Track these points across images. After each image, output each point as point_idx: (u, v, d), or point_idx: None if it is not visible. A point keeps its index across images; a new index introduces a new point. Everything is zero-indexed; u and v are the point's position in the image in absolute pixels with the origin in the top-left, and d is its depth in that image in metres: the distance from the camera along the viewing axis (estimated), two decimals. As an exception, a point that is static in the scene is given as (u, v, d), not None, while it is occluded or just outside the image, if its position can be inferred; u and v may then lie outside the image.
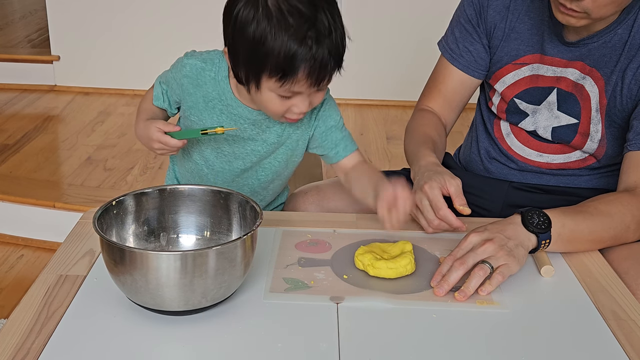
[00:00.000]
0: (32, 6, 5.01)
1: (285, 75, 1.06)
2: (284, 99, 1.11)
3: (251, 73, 1.10)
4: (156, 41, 3.45)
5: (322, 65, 1.07)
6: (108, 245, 0.93)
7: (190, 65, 1.21)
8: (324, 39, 1.06)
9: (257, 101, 1.15)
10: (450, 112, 1.50)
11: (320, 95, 1.14)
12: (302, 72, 1.06)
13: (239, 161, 1.27)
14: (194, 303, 0.94)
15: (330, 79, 1.11)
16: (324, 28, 1.06)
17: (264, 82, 1.09)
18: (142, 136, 1.24)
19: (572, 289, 1.07)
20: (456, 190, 1.20)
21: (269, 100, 1.12)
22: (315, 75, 1.07)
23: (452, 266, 1.05)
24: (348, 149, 1.28)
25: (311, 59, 1.05)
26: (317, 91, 1.12)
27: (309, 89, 1.10)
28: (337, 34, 1.08)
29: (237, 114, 1.22)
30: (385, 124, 3.31)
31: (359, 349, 0.91)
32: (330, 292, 1.04)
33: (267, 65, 1.07)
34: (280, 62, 1.05)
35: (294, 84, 1.08)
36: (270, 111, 1.15)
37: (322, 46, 1.06)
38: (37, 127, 3.17)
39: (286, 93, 1.10)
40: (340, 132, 1.27)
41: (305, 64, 1.05)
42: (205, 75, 1.21)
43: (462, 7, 1.45)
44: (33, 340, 0.91)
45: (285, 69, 1.06)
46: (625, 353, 0.92)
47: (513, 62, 1.39)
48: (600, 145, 1.34)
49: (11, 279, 2.25)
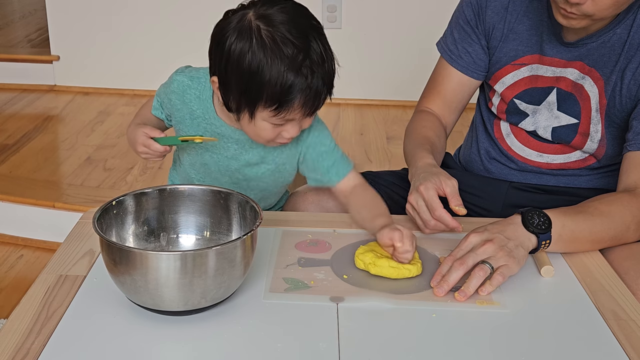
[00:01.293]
0: (32, 6, 5.00)
1: (281, 105, 1.08)
2: (276, 127, 1.13)
3: (245, 103, 1.11)
4: (156, 41, 3.45)
5: (316, 94, 1.08)
6: (108, 245, 0.93)
7: (178, 82, 1.24)
8: (318, 67, 1.07)
9: (248, 130, 1.16)
10: (450, 113, 1.50)
11: (310, 120, 1.15)
12: (298, 102, 1.08)
13: (225, 178, 1.28)
14: (193, 303, 0.94)
15: (322, 105, 1.12)
16: (317, 57, 1.07)
17: (258, 112, 1.10)
18: (130, 138, 1.26)
19: (572, 289, 1.07)
20: (452, 191, 1.20)
21: (262, 128, 1.13)
22: (310, 104, 1.09)
23: (452, 266, 1.05)
24: (340, 173, 1.25)
25: (307, 88, 1.07)
26: (308, 116, 1.13)
27: (302, 116, 1.11)
28: (329, 61, 1.10)
29: (220, 132, 1.23)
30: (385, 124, 3.31)
31: (359, 349, 0.91)
32: (330, 292, 1.04)
33: (263, 96, 1.07)
34: (276, 93, 1.06)
35: (289, 113, 1.09)
36: (261, 138, 1.16)
37: (316, 75, 1.07)
38: (36, 127, 3.17)
39: (280, 122, 1.11)
40: (331, 156, 1.25)
41: (301, 94, 1.07)
42: (191, 93, 1.22)
43: (460, 8, 1.45)
44: (33, 340, 0.91)
45: (282, 100, 1.07)
46: (626, 353, 0.92)
47: (512, 62, 1.39)
48: (600, 145, 1.34)
49: (11, 279, 2.25)
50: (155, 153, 1.22)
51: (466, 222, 1.22)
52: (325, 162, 1.25)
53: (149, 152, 1.22)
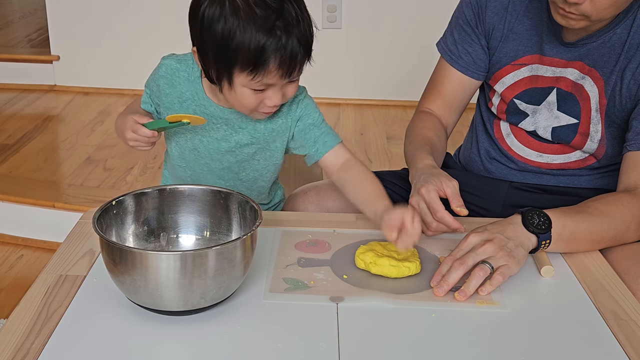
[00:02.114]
0: (32, 6, 5.01)
1: (256, 67, 1.07)
2: (257, 93, 1.12)
3: (222, 70, 1.11)
4: (156, 41, 3.45)
5: (292, 55, 1.07)
6: (107, 245, 0.93)
7: (166, 66, 1.24)
8: (292, 28, 1.07)
9: (231, 99, 1.16)
10: (450, 114, 1.50)
11: (293, 87, 1.15)
12: (273, 63, 1.07)
13: (215, 162, 1.28)
14: (193, 303, 0.94)
15: (301, 69, 1.12)
16: (292, 18, 1.07)
17: (236, 78, 1.10)
18: (118, 127, 1.24)
19: (572, 289, 1.07)
20: (453, 192, 1.20)
21: (243, 95, 1.12)
22: (286, 66, 1.08)
23: (452, 266, 1.05)
24: (327, 144, 1.25)
25: (281, 49, 1.06)
26: (290, 83, 1.13)
27: (281, 80, 1.10)
28: (305, 23, 1.09)
29: (210, 113, 1.23)
30: (385, 124, 3.31)
31: (359, 349, 0.91)
32: (330, 292, 1.04)
33: (238, 60, 1.07)
34: (250, 55, 1.06)
35: (266, 75, 1.08)
36: (245, 106, 1.15)
37: (291, 36, 1.07)
38: (36, 127, 3.17)
39: (259, 86, 1.11)
40: (318, 129, 1.26)
41: (276, 55, 1.06)
42: (180, 75, 1.22)
43: (460, 8, 1.45)
44: (33, 340, 0.91)
45: (256, 62, 1.07)
46: (626, 353, 0.92)
47: (512, 62, 1.39)
48: (600, 145, 1.34)
49: (11, 279, 2.25)
50: (143, 139, 1.19)
51: (466, 222, 1.22)
52: (312, 133, 1.25)
53: (138, 139, 1.19)
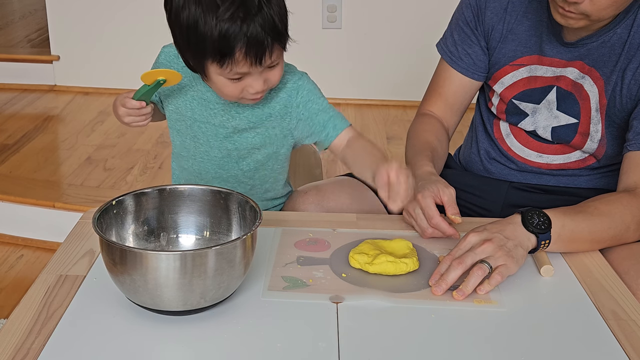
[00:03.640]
0: (32, 6, 5.01)
1: (222, 58, 1.07)
2: (235, 82, 1.11)
3: (194, 61, 1.12)
4: (156, 41, 3.44)
5: (257, 42, 1.06)
6: (107, 245, 0.93)
7: (165, 54, 1.25)
8: (254, 16, 1.05)
9: (213, 88, 1.16)
10: (452, 116, 1.50)
11: (275, 73, 1.13)
12: (239, 52, 1.06)
13: (214, 150, 1.27)
14: (192, 303, 0.94)
15: (273, 55, 1.10)
16: (252, 5, 1.06)
17: (208, 68, 1.10)
18: (114, 111, 1.23)
19: (572, 289, 1.07)
20: (449, 199, 1.20)
21: (221, 84, 1.12)
22: (254, 53, 1.07)
23: (451, 265, 1.05)
24: (338, 127, 1.24)
25: (243, 37, 1.05)
26: (269, 68, 1.12)
27: (254, 68, 1.09)
28: (271, 7, 1.07)
29: (207, 98, 1.23)
30: (385, 124, 3.31)
31: (359, 349, 0.91)
32: (328, 290, 1.04)
33: (205, 51, 1.07)
34: (215, 46, 1.06)
35: (235, 65, 1.08)
36: (227, 95, 1.15)
37: (253, 23, 1.05)
38: (37, 127, 3.17)
39: (233, 75, 1.10)
40: (325, 113, 1.25)
41: (240, 44, 1.06)
42: (179, 62, 1.22)
43: (460, 9, 1.45)
44: (33, 340, 0.91)
45: (222, 52, 1.06)
46: (626, 353, 0.92)
47: (510, 63, 1.39)
48: (600, 145, 1.34)
49: (11, 279, 2.25)
50: (134, 111, 1.19)
51: (466, 222, 1.22)
52: (319, 118, 1.25)
53: (130, 112, 1.19)
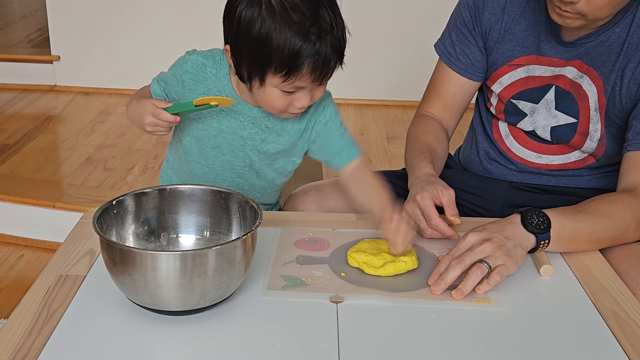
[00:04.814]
0: (32, 6, 5.01)
1: (290, 71, 1.08)
2: (287, 94, 1.13)
3: (255, 70, 1.12)
4: (156, 41, 3.45)
5: (325, 60, 1.09)
6: (107, 245, 0.93)
7: (192, 61, 1.22)
8: (327, 34, 1.08)
9: (259, 98, 1.16)
10: (451, 117, 1.50)
11: (321, 90, 1.16)
12: (306, 68, 1.08)
13: (238, 160, 1.27)
14: (192, 303, 0.94)
15: (332, 74, 1.13)
16: (326, 24, 1.08)
17: (269, 79, 1.11)
18: (134, 112, 1.21)
19: (572, 288, 1.07)
20: (448, 201, 1.20)
21: (272, 96, 1.13)
22: (319, 71, 1.09)
23: (450, 265, 1.05)
24: (351, 155, 1.26)
25: (315, 54, 1.07)
26: (319, 85, 1.14)
27: (312, 84, 1.12)
28: (339, 29, 1.11)
29: (237, 111, 1.22)
30: (385, 124, 3.31)
31: (358, 348, 0.91)
32: (327, 289, 1.04)
33: (272, 62, 1.08)
34: (284, 59, 1.07)
35: (298, 79, 1.09)
36: (273, 107, 1.16)
37: (325, 42, 1.08)
38: (37, 127, 3.17)
39: (290, 88, 1.11)
40: (341, 138, 1.27)
41: (309, 60, 1.07)
42: (207, 71, 1.21)
43: (458, 9, 1.45)
44: (33, 340, 0.91)
45: (290, 66, 1.08)
46: (626, 353, 0.92)
47: (508, 63, 1.39)
48: (600, 144, 1.34)
49: (11, 279, 2.26)
50: (164, 123, 1.18)
51: (466, 222, 1.22)
52: (336, 142, 1.27)
53: (158, 124, 1.18)
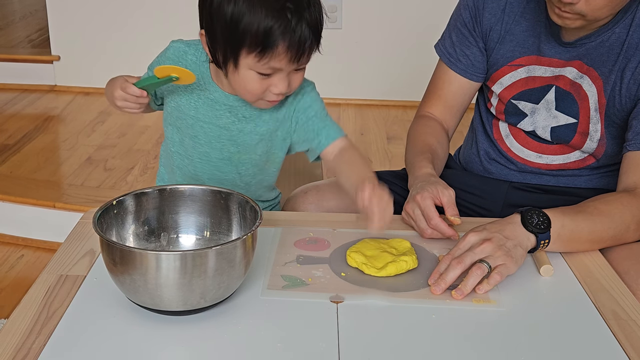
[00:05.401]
0: (32, 6, 5.01)
1: (264, 49, 1.06)
2: (263, 78, 1.11)
3: (229, 51, 1.10)
4: (156, 41, 3.44)
5: (301, 39, 1.07)
6: (107, 245, 0.93)
7: (174, 48, 1.23)
8: (303, 11, 1.06)
9: (235, 83, 1.15)
10: (451, 117, 1.50)
11: (298, 77, 1.14)
12: (282, 46, 1.06)
13: (215, 151, 1.27)
14: (192, 303, 0.94)
15: (309, 56, 1.11)
16: (302, 1, 1.06)
17: (243, 59, 1.09)
18: (107, 88, 1.22)
19: (572, 288, 1.07)
20: (449, 201, 1.20)
21: (248, 79, 1.11)
22: (295, 50, 1.07)
23: (450, 265, 1.05)
24: (331, 136, 1.25)
25: (290, 31, 1.06)
26: (296, 71, 1.12)
27: (288, 65, 1.09)
28: (316, 8, 1.09)
29: (214, 98, 1.22)
30: (385, 124, 3.31)
31: (358, 348, 0.91)
32: (327, 289, 1.04)
33: (246, 41, 1.07)
34: (259, 36, 1.06)
35: (273, 58, 1.08)
36: (249, 92, 1.14)
37: (300, 19, 1.06)
38: (37, 127, 3.17)
39: (265, 70, 1.10)
40: (320, 120, 1.25)
41: (284, 37, 1.06)
42: (187, 58, 1.21)
43: (458, 10, 1.45)
44: (33, 340, 0.91)
45: (265, 43, 1.06)
46: (626, 353, 0.92)
47: (509, 63, 1.39)
48: (600, 144, 1.34)
49: (11, 279, 2.26)
50: (131, 98, 1.17)
51: (466, 222, 1.22)
52: (315, 124, 1.25)
53: (126, 97, 1.17)
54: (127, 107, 1.20)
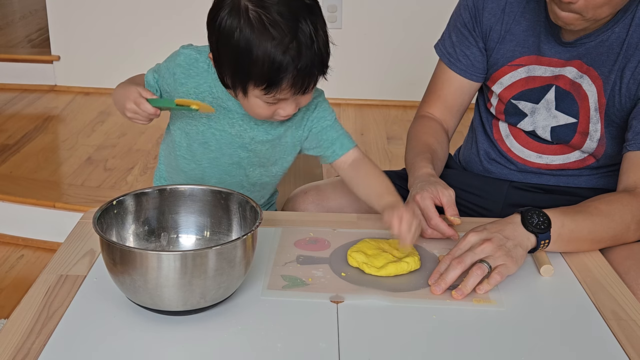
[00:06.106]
0: (32, 6, 5.01)
1: (269, 85, 1.08)
2: (270, 105, 1.13)
3: (237, 81, 1.12)
4: (156, 41, 3.45)
5: (305, 74, 1.08)
6: (107, 245, 0.93)
7: (185, 55, 1.22)
8: (307, 49, 1.06)
9: (244, 106, 1.17)
10: (451, 117, 1.50)
11: (307, 98, 1.15)
12: (287, 83, 1.08)
13: (225, 157, 1.27)
14: (192, 303, 0.94)
15: (315, 85, 1.12)
16: (306, 38, 1.07)
17: (250, 91, 1.11)
18: (120, 94, 1.21)
19: (572, 288, 1.07)
20: (448, 201, 1.20)
21: (256, 105, 1.13)
22: (299, 84, 1.09)
23: (450, 265, 1.05)
24: (345, 146, 1.26)
25: (294, 69, 1.06)
26: (303, 94, 1.13)
27: (294, 95, 1.11)
28: (320, 42, 1.08)
29: (227, 107, 1.22)
30: (385, 124, 3.31)
31: (358, 348, 0.91)
32: (327, 289, 1.04)
33: (253, 76, 1.08)
34: (264, 73, 1.07)
35: (279, 92, 1.09)
36: (258, 115, 1.16)
37: (304, 57, 1.06)
38: (37, 127, 3.17)
39: (271, 100, 1.11)
40: (335, 131, 1.27)
41: (289, 75, 1.07)
42: (199, 66, 1.21)
43: (458, 10, 1.45)
44: (33, 340, 0.91)
45: (270, 80, 1.07)
46: (626, 353, 0.92)
47: (509, 63, 1.39)
48: (600, 144, 1.34)
49: (11, 279, 2.26)
50: (143, 114, 1.17)
51: (466, 222, 1.22)
52: (329, 135, 1.27)
53: (138, 112, 1.17)
54: (136, 119, 1.20)
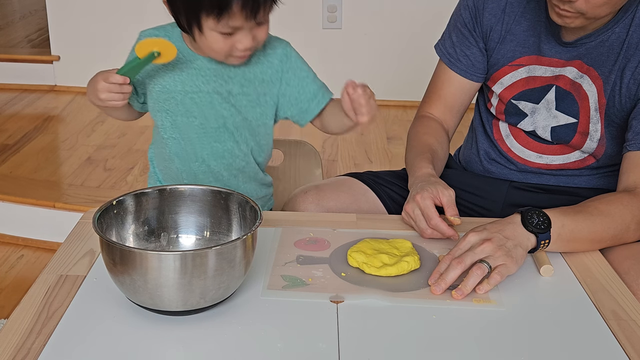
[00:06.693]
0: (32, 6, 5.01)
1: (220, 11, 1.12)
2: (227, 37, 1.16)
3: (191, 17, 1.16)
4: (156, 41, 3.46)
5: None
6: (107, 245, 0.93)
7: (146, 35, 1.27)
8: None
9: (203, 45, 1.20)
10: (451, 118, 1.50)
11: (262, 30, 1.19)
12: (236, 6, 1.11)
13: (211, 121, 1.29)
14: (192, 303, 0.94)
15: (266, 11, 1.16)
16: None
17: (204, 23, 1.15)
18: (89, 88, 1.24)
19: (572, 288, 1.07)
20: (448, 201, 1.20)
21: (213, 40, 1.17)
22: (249, 7, 1.12)
23: (450, 265, 1.05)
24: (321, 102, 1.30)
25: None
26: (258, 25, 1.17)
27: (247, 22, 1.14)
28: None
29: (198, 67, 1.26)
30: (385, 124, 3.31)
31: (358, 348, 0.91)
32: (327, 289, 1.04)
33: (203, 5, 1.12)
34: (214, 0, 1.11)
35: (231, 18, 1.13)
36: (216, 51, 1.19)
37: None
38: (37, 127, 3.17)
39: (226, 29, 1.15)
40: (314, 83, 1.31)
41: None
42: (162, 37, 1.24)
43: (458, 11, 1.45)
44: (33, 340, 0.91)
45: (219, 5, 1.11)
46: (626, 353, 0.92)
47: (509, 63, 1.39)
48: (600, 144, 1.34)
49: (11, 279, 2.26)
50: (115, 87, 1.18)
51: (466, 222, 1.22)
52: (308, 88, 1.30)
53: (110, 88, 1.18)
54: (111, 99, 1.20)
